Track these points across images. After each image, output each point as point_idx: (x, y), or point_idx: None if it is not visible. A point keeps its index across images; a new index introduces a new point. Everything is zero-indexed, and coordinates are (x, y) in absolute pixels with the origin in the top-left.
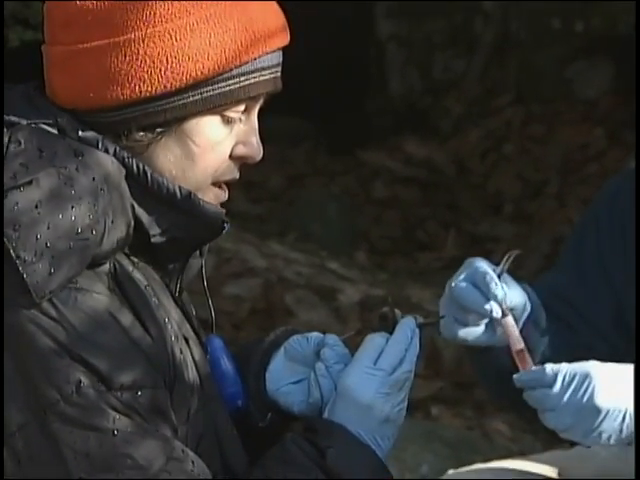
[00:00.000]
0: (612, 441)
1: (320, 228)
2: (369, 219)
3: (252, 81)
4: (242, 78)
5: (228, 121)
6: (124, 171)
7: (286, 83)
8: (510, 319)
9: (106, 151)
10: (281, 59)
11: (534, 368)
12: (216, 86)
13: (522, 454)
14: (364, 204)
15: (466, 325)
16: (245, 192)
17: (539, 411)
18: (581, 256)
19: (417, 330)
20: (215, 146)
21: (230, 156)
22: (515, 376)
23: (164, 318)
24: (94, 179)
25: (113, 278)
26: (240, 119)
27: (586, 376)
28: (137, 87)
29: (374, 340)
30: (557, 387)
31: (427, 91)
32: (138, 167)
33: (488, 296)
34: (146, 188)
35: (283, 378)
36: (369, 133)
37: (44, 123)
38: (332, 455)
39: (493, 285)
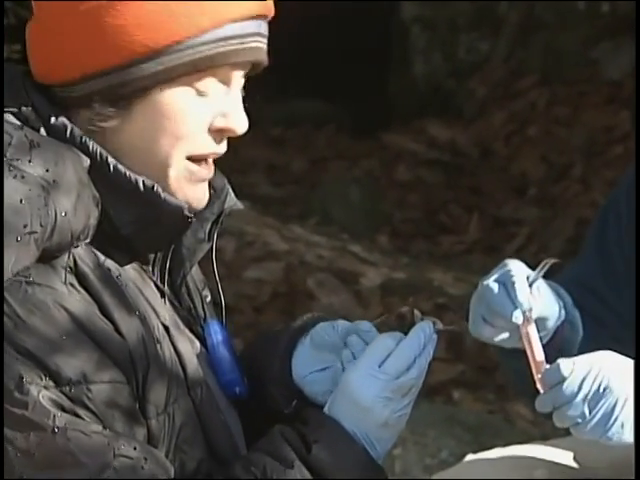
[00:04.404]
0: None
1: (342, 211)
2: (391, 202)
3: (214, 51)
4: (203, 48)
5: (200, 93)
6: (88, 162)
7: (309, 66)
8: (533, 330)
9: (73, 140)
10: (260, 29)
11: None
12: (174, 56)
13: (544, 438)
14: (387, 187)
15: (493, 326)
16: (267, 175)
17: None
18: (604, 245)
19: (434, 336)
20: (184, 117)
21: (209, 130)
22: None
23: (139, 308)
24: (47, 170)
25: (72, 271)
26: (217, 91)
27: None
28: (96, 60)
29: (384, 341)
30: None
31: (451, 73)
32: (101, 157)
33: (515, 303)
34: (110, 180)
35: (309, 366)
36: (392, 116)
37: (10, 112)
38: (317, 449)
39: (521, 293)
